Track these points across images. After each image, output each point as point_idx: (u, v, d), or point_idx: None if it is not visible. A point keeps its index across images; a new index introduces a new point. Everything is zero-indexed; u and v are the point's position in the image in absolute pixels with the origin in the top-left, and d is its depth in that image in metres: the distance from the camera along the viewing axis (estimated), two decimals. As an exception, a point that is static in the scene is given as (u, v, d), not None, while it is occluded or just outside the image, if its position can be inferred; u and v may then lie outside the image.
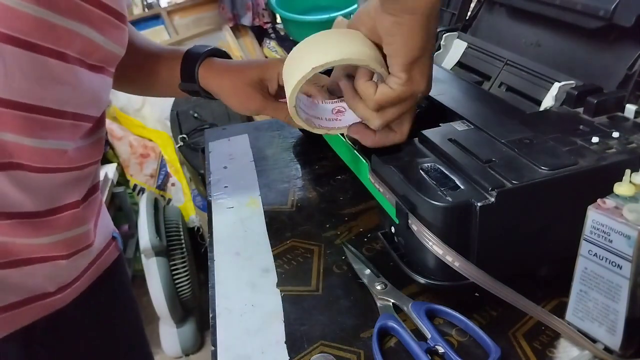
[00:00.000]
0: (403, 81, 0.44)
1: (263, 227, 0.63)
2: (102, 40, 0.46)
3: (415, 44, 0.43)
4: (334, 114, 0.54)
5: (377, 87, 0.46)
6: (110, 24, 0.46)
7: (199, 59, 0.62)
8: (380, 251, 0.57)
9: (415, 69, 0.44)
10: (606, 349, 0.42)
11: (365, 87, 0.46)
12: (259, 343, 0.48)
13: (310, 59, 0.45)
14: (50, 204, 0.49)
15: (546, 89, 0.59)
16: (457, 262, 0.43)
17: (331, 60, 0.44)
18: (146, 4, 2.58)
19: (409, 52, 0.43)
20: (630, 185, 0.40)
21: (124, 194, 1.91)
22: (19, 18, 0.39)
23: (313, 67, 0.45)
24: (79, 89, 0.47)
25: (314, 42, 0.47)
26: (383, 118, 0.48)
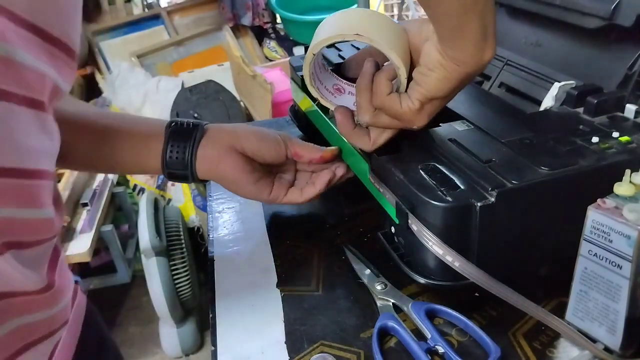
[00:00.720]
0: (414, 108, 0.46)
1: (263, 227, 0.63)
2: (62, 83, 0.38)
3: (444, 89, 0.44)
4: (333, 88, 0.55)
5: (392, 92, 0.47)
6: (67, 65, 0.38)
7: (192, 149, 0.54)
8: (380, 251, 0.57)
9: (429, 106, 0.46)
10: (606, 349, 0.42)
11: (382, 84, 0.47)
12: (259, 343, 0.48)
13: (361, 26, 0.46)
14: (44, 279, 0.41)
15: (546, 89, 0.58)
16: (457, 262, 0.43)
17: (377, 41, 0.45)
18: (146, 4, 2.58)
19: (434, 92, 0.44)
20: (630, 185, 0.40)
21: (124, 194, 1.91)
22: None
23: (358, 33, 0.45)
24: (53, 141, 0.39)
25: (371, 16, 0.48)
26: (374, 119, 0.49)
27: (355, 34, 0.45)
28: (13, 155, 0.34)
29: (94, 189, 1.75)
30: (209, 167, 0.55)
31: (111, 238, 1.67)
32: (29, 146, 0.35)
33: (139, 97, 2.11)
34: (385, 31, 0.46)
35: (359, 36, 0.45)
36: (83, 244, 1.51)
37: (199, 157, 0.54)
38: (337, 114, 0.52)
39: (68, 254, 1.46)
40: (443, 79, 0.43)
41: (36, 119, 0.35)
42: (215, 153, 0.54)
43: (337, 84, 0.55)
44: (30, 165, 0.36)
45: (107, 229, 1.65)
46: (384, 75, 0.47)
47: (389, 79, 0.47)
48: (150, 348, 1.79)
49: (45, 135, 0.37)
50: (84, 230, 1.56)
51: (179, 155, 0.54)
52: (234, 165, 0.54)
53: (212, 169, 0.55)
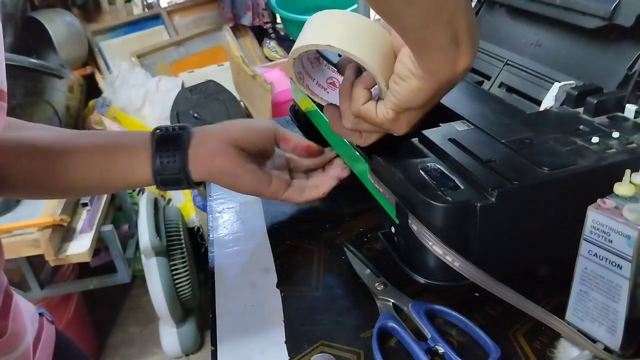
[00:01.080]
0: (390, 118, 0.45)
1: (263, 227, 0.63)
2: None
3: (417, 100, 0.43)
4: (327, 83, 0.55)
5: (369, 100, 0.46)
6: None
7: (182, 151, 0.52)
8: (380, 251, 0.57)
9: (405, 116, 0.45)
10: (606, 349, 0.42)
11: (358, 93, 0.47)
12: (259, 343, 0.48)
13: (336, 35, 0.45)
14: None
15: (546, 89, 0.58)
16: (457, 262, 0.43)
17: (352, 53, 0.44)
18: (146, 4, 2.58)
19: (406, 102, 0.43)
20: (630, 185, 0.40)
21: (124, 194, 1.91)
22: None
23: (331, 44, 0.44)
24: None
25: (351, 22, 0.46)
26: (356, 126, 0.49)
27: (327, 45, 0.44)
28: None
29: (94, 189, 1.75)
30: (204, 166, 0.53)
31: (111, 238, 1.66)
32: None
33: (139, 97, 2.10)
34: (362, 38, 0.45)
35: (331, 47, 0.44)
36: (83, 244, 1.51)
37: (192, 158, 0.53)
38: (327, 113, 0.53)
39: (68, 254, 1.46)
40: (416, 89, 0.41)
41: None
42: (207, 151, 0.53)
43: (333, 77, 0.54)
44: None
45: (107, 229, 1.64)
46: (361, 84, 0.46)
47: (366, 87, 0.46)
48: (150, 348, 1.79)
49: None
50: (84, 230, 1.56)
51: (170, 159, 0.52)
52: (228, 158, 0.53)
53: (207, 167, 0.53)
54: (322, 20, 0.48)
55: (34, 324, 0.51)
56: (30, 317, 0.50)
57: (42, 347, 0.50)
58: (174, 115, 1.98)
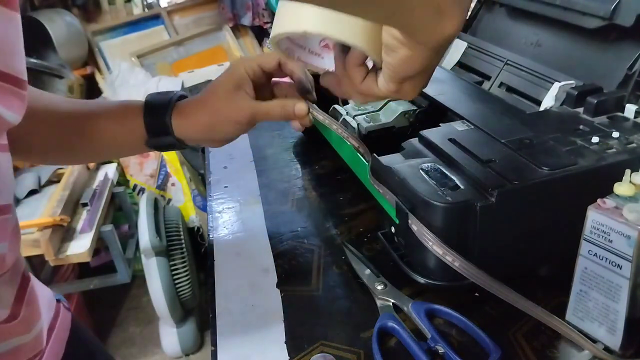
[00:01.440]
0: (392, 89, 0.42)
1: (263, 227, 0.63)
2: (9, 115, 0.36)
3: (412, 68, 0.40)
4: (320, 47, 0.51)
5: (367, 75, 0.44)
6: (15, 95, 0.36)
7: (169, 108, 0.53)
8: (380, 251, 0.57)
9: (407, 84, 0.42)
10: (606, 349, 0.42)
11: (354, 73, 0.44)
12: (259, 343, 0.48)
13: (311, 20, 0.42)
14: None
15: (546, 89, 0.59)
16: (457, 262, 0.43)
17: (329, 35, 0.41)
18: (146, 4, 2.58)
19: (403, 72, 0.41)
20: (630, 185, 0.40)
21: (124, 194, 1.91)
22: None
23: (306, 30, 0.42)
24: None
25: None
26: (364, 100, 0.46)
27: (303, 31, 0.42)
28: None
29: (94, 189, 1.75)
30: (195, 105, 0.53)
31: (111, 238, 1.66)
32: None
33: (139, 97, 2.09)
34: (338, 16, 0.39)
35: (307, 33, 0.42)
36: (83, 244, 1.51)
37: (180, 104, 0.53)
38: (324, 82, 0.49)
39: (68, 254, 1.46)
40: (408, 59, 0.39)
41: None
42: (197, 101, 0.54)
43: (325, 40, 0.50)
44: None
45: (107, 229, 1.64)
46: (352, 63, 0.44)
47: (358, 64, 0.44)
48: (150, 348, 1.79)
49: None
50: (84, 230, 1.56)
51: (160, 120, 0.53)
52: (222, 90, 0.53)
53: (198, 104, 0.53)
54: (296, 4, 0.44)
55: (50, 310, 0.52)
56: (46, 302, 0.51)
57: (57, 332, 0.51)
58: (174, 115, 1.98)
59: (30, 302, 0.44)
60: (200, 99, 0.54)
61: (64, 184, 1.64)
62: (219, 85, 0.54)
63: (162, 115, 0.53)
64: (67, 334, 0.53)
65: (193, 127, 0.53)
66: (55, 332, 0.51)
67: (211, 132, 0.53)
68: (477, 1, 0.78)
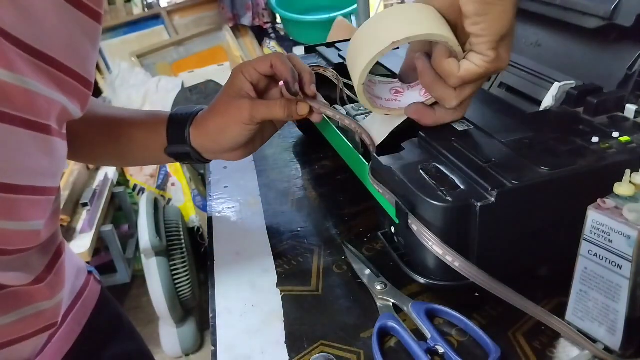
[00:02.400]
0: (491, 59, 0.44)
1: (263, 227, 0.63)
2: (72, 108, 0.40)
3: (504, 23, 0.43)
4: (392, 94, 0.54)
5: (460, 64, 0.46)
6: (79, 91, 0.40)
7: (189, 119, 0.57)
8: (380, 251, 0.57)
9: (502, 46, 0.44)
10: (606, 349, 0.42)
11: (449, 65, 0.46)
12: (259, 343, 0.48)
13: (390, 32, 0.44)
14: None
15: (546, 89, 0.58)
16: (457, 262, 0.43)
17: (413, 35, 0.44)
18: (146, 4, 2.58)
19: (499, 31, 0.43)
20: (630, 185, 0.40)
21: (124, 194, 1.91)
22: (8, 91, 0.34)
23: (393, 40, 0.44)
24: (55, 160, 0.41)
25: (390, 17, 0.46)
26: (460, 97, 0.48)
27: (391, 43, 0.44)
28: (2, 172, 0.36)
29: (94, 189, 1.75)
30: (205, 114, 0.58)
31: (111, 238, 1.67)
32: (20, 165, 0.37)
33: (139, 97, 2.11)
34: (411, 20, 0.45)
35: (395, 43, 0.44)
36: (83, 244, 1.51)
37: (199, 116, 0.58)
38: (411, 114, 0.51)
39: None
40: (498, 15, 0.42)
41: (37, 141, 0.38)
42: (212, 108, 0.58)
43: (392, 87, 0.54)
44: (19, 181, 0.37)
45: (107, 229, 1.65)
46: (444, 58, 0.46)
47: (447, 56, 0.46)
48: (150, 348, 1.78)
49: (45, 155, 0.39)
50: (84, 230, 1.56)
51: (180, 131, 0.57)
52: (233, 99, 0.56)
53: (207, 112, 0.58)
54: (368, 30, 0.47)
55: (78, 279, 0.56)
56: (74, 271, 0.55)
57: (83, 301, 0.55)
58: (174, 115, 1.98)
59: (59, 272, 0.47)
60: (209, 108, 0.58)
61: (64, 184, 1.64)
62: (222, 92, 0.57)
63: (182, 126, 0.57)
64: (94, 304, 0.57)
65: (205, 134, 0.57)
66: (82, 300, 0.55)
67: (220, 135, 0.56)
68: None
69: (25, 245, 0.41)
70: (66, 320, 0.51)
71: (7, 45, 0.32)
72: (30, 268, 0.43)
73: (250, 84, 0.56)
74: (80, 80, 0.39)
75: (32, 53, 0.34)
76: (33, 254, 0.43)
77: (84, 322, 0.55)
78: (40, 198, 0.40)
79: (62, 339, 0.51)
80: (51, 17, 0.35)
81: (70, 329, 0.52)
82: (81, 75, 0.39)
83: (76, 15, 0.37)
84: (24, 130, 0.36)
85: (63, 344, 0.51)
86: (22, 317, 0.43)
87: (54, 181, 0.42)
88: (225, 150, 0.58)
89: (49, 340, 0.49)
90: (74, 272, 0.55)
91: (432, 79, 0.47)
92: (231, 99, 0.56)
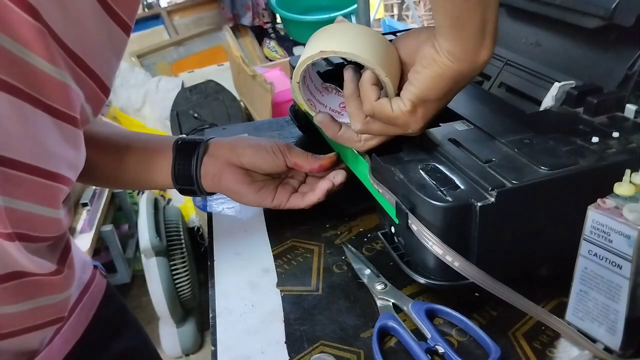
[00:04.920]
0: (406, 109, 0.45)
1: (263, 227, 0.63)
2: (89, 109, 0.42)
3: (436, 88, 0.44)
4: (340, 107, 0.55)
5: (380, 96, 0.47)
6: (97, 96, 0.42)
7: (197, 157, 0.57)
8: (380, 251, 0.57)
9: (422, 108, 0.45)
10: (606, 349, 0.42)
11: (369, 90, 0.47)
12: (259, 343, 0.48)
13: (324, 43, 0.47)
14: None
15: (546, 89, 0.58)
16: (457, 262, 0.43)
17: (339, 51, 0.45)
18: (146, 4, 2.59)
19: (427, 91, 0.44)
20: (630, 185, 0.40)
21: (124, 194, 1.91)
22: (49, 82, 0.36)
23: (321, 50, 0.46)
24: (79, 153, 0.43)
25: (339, 30, 0.48)
26: (367, 127, 0.49)
27: (319, 51, 0.46)
28: (39, 156, 0.38)
29: (94, 189, 1.75)
30: (212, 182, 0.58)
31: (111, 238, 1.67)
32: (57, 153, 0.40)
33: (139, 97, 2.11)
34: (356, 40, 0.46)
35: (322, 52, 0.46)
36: (83, 243, 1.51)
37: (203, 174, 0.58)
38: (318, 121, 0.53)
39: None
40: (436, 76, 0.43)
41: (68, 132, 0.40)
42: (216, 170, 0.57)
43: (343, 101, 0.55)
44: (53, 168, 0.39)
45: (107, 229, 1.65)
46: (366, 80, 0.47)
47: (373, 83, 0.47)
48: (150, 348, 1.79)
49: (70, 146, 0.41)
50: (84, 230, 1.56)
51: (186, 171, 0.58)
52: (234, 179, 0.57)
53: (215, 184, 0.58)
54: (319, 35, 0.49)
55: (84, 273, 0.57)
56: (80, 265, 0.56)
57: (90, 294, 0.56)
58: (174, 115, 1.98)
59: (71, 265, 0.48)
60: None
61: (64, 184, 1.64)
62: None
63: (191, 185, 0.59)
64: (100, 299, 0.58)
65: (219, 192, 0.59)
66: (88, 294, 0.56)
67: (235, 200, 0.59)
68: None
69: (50, 233, 0.43)
70: (74, 313, 0.53)
71: (51, 41, 0.34)
72: (50, 259, 0.45)
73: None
74: (100, 85, 0.41)
75: (67, 50, 0.36)
76: (49, 246, 0.45)
77: (91, 314, 0.56)
78: (66, 188, 0.42)
79: (70, 331, 0.52)
80: (88, 20, 0.37)
81: (78, 321, 0.53)
82: (102, 81, 0.41)
83: (108, 24, 0.38)
84: (58, 121, 0.38)
85: (70, 336, 0.52)
86: (35, 307, 0.45)
87: (75, 174, 0.44)
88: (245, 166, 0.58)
89: (56, 332, 0.49)
90: (80, 266, 0.56)
91: (351, 92, 0.49)
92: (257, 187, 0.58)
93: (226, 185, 0.58)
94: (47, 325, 0.47)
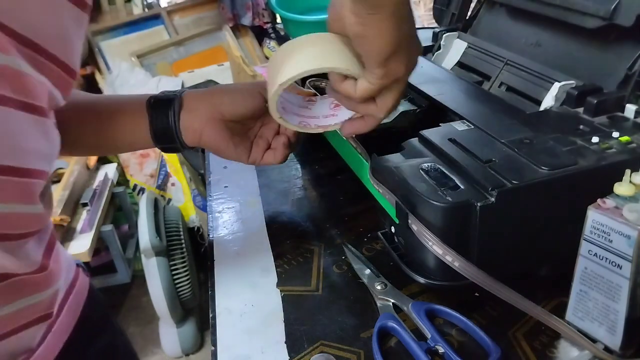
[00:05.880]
0: (381, 75, 0.43)
1: (263, 227, 0.63)
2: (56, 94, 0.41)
3: (384, 44, 0.41)
4: (331, 108, 0.54)
5: (357, 84, 0.45)
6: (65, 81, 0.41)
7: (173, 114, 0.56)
8: (380, 251, 0.57)
9: (392, 62, 0.43)
10: (606, 349, 0.42)
11: (344, 88, 0.46)
12: (259, 343, 0.48)
13: (285, 70, 0.46)
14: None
15: (546, 89, 0.59)
16: (457, 262, 0.43)
17: (294, 75, 0.44)
18: (146, 4, 2.58)
19: (380, 52, 0.42)
20: (630, 185, 0.40)
21: (124, 194, 1.91)
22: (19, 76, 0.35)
23: (279, 83, 0.45)
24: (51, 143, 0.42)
25: (290, 50, 0.47)
26: (382, 108, 0.47)
27: (279, 84, 0.45)
28: (12, 155, 0.37)
29: (94, 189, 1.75)
30: (193, 137, 0.58)
31: (111, 238, 1.67)
32: (26, 147, 0.38)
33: (139, 97, 2.10)
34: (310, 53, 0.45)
35: (285, 82, 0.45)
36: (83, 244, 1.51)
37: (183, 129, 0.57)
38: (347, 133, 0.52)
39: (68, 254, 1.46)
40: (374, 36, 0.41)
41: (34, 123, 0.38)
42: (197, 125, 0.57)
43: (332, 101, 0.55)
44: (25, 164, 0.38)
45: (107, 229, 1.65)
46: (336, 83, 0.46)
47: (342, 81, 0.46)
48: (150, 348, 1.79)
49: (41, 137, 0.40)
50: (84, 230, 1.56)
51: (165, 130, 0.57)
52: (214, 135, 0.57)
53: (196, 139, 0.58)
54: (275, 62, 0.48)
55: (69, 272, 0.56)
56: (66, 264, 0.55)
57: (76, 292, 0.56)
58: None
59: (57, 260, 0.48)
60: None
61: (64, 184, 1.64)
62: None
63: (171, 141, 0.58)
64: (85, 296, 0.57)
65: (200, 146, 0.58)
66: (74, 292, 0.55)
67: (215, 154, 0.58)
68: (477, 1, 0.78)
69: (31, 229, 0.42)
70: (62, 311, 0.52)
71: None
72: (31, 255, 0.44)
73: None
74: (64, 68, 0.40)
75: (18, 38, 0.35)
76: (31, 241, 0.44)
77: (78, 312, 0.56)
78: (42, 181, 0.41)
79: (61, 328, 0.52)
80: (36, 4, 0.35)
81: (67, 319, 0.53)
82: (65, 63, 0.40)
83: (62, 2, 0.37)
84: (22, 113, 0.37)
85: (62, 334, 0.52)
86: (23, 306, 0.44)
87: (50, 165, 0.43)
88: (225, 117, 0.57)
89: (48, 329, 0.49)
90: (66, 264, 0.56)
91: (339, 98, 0.49)
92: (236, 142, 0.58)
93: (206, 141, 0.58)
94: (37, 322, 0.47)
